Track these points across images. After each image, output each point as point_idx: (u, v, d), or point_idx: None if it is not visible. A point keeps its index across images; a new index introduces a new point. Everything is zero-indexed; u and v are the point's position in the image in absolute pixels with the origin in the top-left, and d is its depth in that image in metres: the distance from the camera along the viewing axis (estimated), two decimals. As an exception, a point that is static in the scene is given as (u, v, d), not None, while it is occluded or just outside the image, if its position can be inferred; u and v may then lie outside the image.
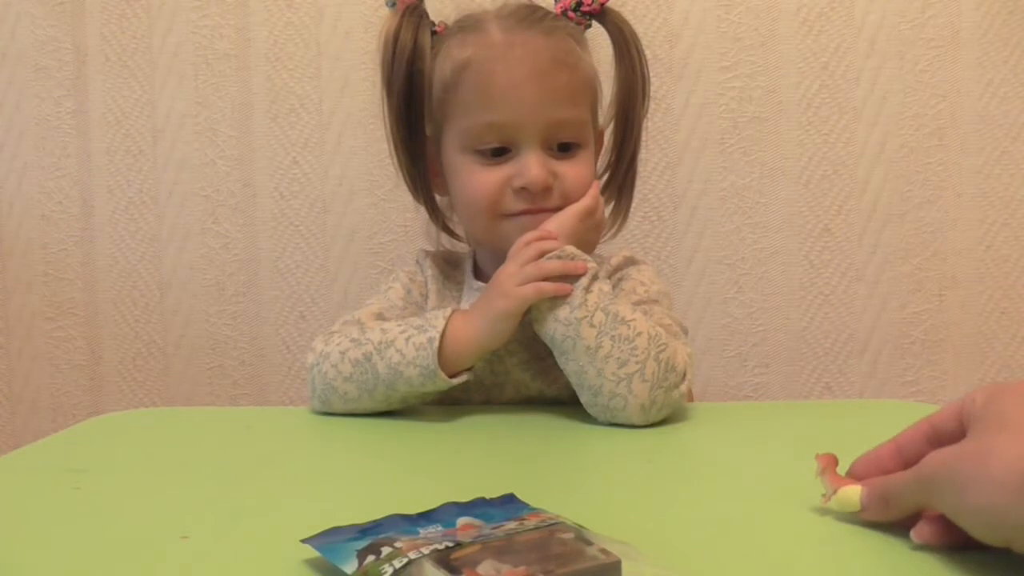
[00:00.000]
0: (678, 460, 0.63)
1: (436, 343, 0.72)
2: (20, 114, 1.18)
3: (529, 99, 0.77)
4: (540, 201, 0.78)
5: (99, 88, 1.17)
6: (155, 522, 0.48)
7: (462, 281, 0.87)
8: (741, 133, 1.14)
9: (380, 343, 0.74)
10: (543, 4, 0.84)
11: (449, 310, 0.75)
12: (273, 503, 0.52)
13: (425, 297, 0.85)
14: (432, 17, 0.83)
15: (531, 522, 0.40)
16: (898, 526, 0.44)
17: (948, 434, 0.45)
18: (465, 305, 0.84)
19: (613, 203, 0.89)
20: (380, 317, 0.82)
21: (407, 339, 0.73)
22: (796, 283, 1.15)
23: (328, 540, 0.40)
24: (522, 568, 0.34)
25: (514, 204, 0.79)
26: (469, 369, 0.74)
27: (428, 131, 0.83)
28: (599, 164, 0.88)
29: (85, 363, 1.20)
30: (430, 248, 0.92)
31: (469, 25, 0.82)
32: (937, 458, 0.42)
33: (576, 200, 0.79)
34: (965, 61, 1.12)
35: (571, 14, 0.83)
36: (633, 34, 0.84)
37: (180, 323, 1.19)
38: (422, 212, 0.89)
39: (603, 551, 0.36)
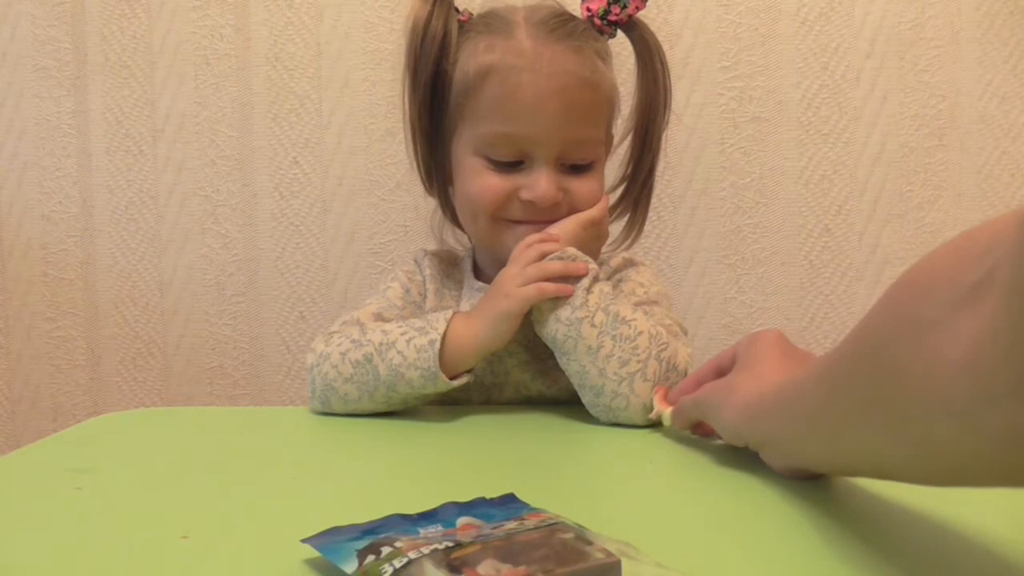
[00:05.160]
0: (678, 460, 0.63)
1: (437, 345, 0.71)
2: (20, 114, 1.18)
3: (550, 116, 0.76)
4: (546, 215, 0.78)
5: (99, 88, 1.17)
6: (155, 522, 0.48)
7: (461, 280, 0.87)
8: (741, 133, 1.14)
9: (381, 344, 0.74)
10: (566, 3, 0.84)
11: (450, 312, 0.75)
12: (273, 503, 0.52)
13: (424, 296, 0.85)
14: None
15: (531, 522, 0.40)
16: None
17: (727, 368, 0.60)
18: (465, 305, 0.84)
19: (628, 216, 0.88)
20: (379, 317, 0.82)
21: (408, 341, 0.73)
22: (796, 283, 1.15)
23: (328, 540, 0.40)
24: (522, 568, 0.34)
25: (519, 213, 0.79)
26: (470, 371, 0.74)
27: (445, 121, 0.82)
28: (615, 176, 0.87)
29: (85, 363, 1.20)
30: (430, 247, 0.91)
31: (497, 27, 0.80)
32: (707, 387, 0.59)
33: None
34: (965, 61, 1.12)
35: (597, 21, 0.81)
36: (658, 47, 0.83)
37: (180, 323, 1.19)
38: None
39: (603, 551, 0.36)
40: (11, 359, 1.21)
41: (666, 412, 0.67)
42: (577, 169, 0.79)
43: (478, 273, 0.87)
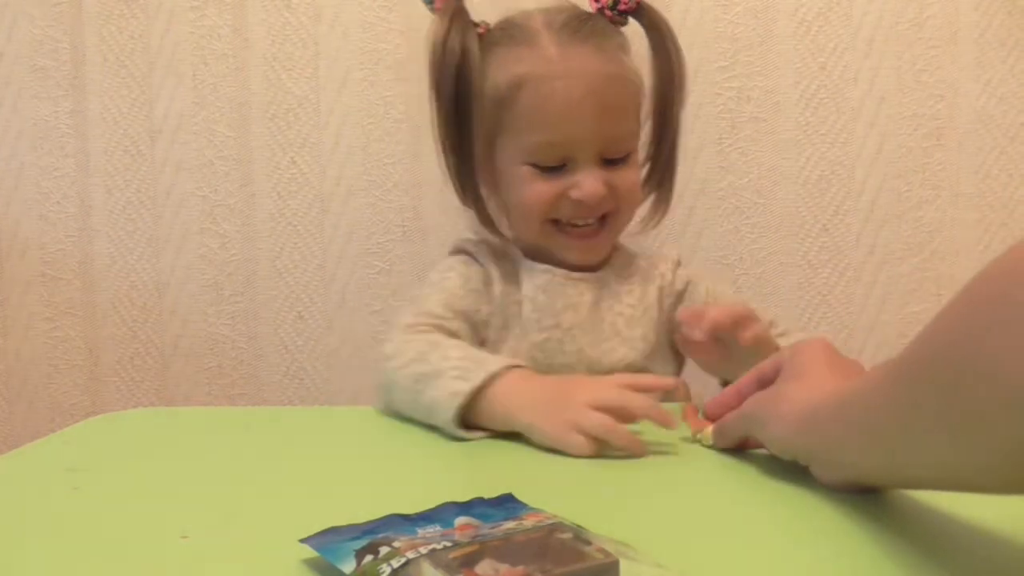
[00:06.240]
0: (678, 460, 0.63)
1: (462, 399, 0.66)
2: (18, 114, 1.17)
3: (586, 119, 0.79)
4: (595, 211, 0.81)
5: (97, 88, 1.17)
6: (155, 522, 0.48)
7: (513, 267, 0.85)
8: (739, 133, 1.14)
9: (433, 372, 0.70)
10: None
11: (504, 363, 0.69)
12: (272, 503, 0.52)
13: (487, 284, 0.83)
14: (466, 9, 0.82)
15: (529, 522, 0.40)
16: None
17: (769, 379, 0.56)
18: (527, 287, 0.82)
19: (654, 195, 0.90)
20: (449, 307, 0.80)
21: (452, 379, 0.68)
22: (794, 283, 1.15)
23: (327, 540, 0.40)
24: (520, 568, 0.34)
25: (569, 212, 0.81)
26: (486, 431, 0.68)
27: (477, 134, 0.81)
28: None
29: (83, 363, 1.20)
30: (467, 237, 0.89)
31: (520, 36, 0.81)
32: (752, 400, 0.56)
33: (628, 202, 0.83)
34: (963, 61, 1.12)
35: (608, 13, 0.83)
36: (669, 30, 0.84)
37: (178, 323, 1.19)
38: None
39: (602, 551, 0.36)
40: (9, 359, 1.20)
41: (707, 431, 0.62)
42: (615, 162, 0.81)
43: (533, 257, 0.85)
